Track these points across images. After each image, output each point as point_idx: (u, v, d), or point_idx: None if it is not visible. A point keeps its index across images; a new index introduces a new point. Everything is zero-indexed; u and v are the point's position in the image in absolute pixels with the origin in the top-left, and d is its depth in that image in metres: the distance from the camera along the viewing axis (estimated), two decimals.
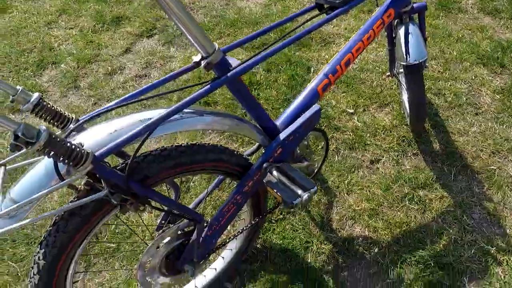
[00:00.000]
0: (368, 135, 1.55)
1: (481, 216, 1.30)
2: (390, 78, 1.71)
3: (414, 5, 1.12)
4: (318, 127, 1.26)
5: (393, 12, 1.04)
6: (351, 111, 1.64)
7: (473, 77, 1.74)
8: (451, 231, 1.26)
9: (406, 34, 1.14)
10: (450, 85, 1.70)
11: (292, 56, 1.91)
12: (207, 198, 1.00)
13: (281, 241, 1.24)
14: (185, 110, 0.80)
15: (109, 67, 2.02)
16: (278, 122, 0.99)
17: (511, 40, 1.88)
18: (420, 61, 1.14)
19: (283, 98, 1.71)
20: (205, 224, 0.84)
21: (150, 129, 0.63)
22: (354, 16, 2.17)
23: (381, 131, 1.56)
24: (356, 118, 1.61)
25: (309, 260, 1.19)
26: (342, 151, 1.51)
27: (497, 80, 1.73)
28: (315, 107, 0.96)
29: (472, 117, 1.59)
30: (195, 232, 0.81)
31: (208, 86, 0.71)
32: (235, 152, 0.88)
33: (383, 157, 1.48)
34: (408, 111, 1.45)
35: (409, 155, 1.49)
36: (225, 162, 0.84)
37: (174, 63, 2.01)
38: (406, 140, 1.52)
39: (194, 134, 1.61)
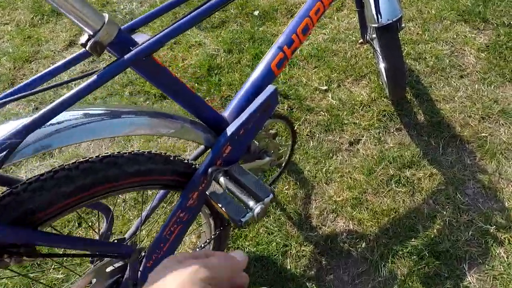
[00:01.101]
0: (345, 113, 1.37)
1: (475, 191, 1.16)
2: (363, 45, 1.53)
3: None
4: (283, 113, 1.07)
5: None
6: (324, 88, 1.46)
7: (455, 36, 1.57)
8: (444, 212, 1.12)
9: None
10: (430, 48, 1.53)
11: (255, 33, 1.70)
12: (150, 216, 0.82)
13: (255, 248, 1.08)
14: (106, 111, 0.61)
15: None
16: (226, 113, 0.80)
17: None
18: (394, 19, 0.96)
19: None
20: (142, 254, 0.67)
21: (10, 146, 0.44)
22: None
23: (359, 107, 1.39)
24: (330, 96, 1.43)
25: (289, 267, 1.04)
26: (317, 135, 1.34)
27: (481, 37, 1.56)
28: (269, 89, 0.77)
29: (457, 81, 1.43)
30: (128, 268, 0.63)
31: (101, 72, 0.52)
32: (173, 158, 0.69)
33: (363, 136, 1.32)
34: (385, 81, 1.28)
35: (392, 131, 1.33)
36: (157, 173, 0.65)
37: None
38: (387, 115, 1.36)
39: (150, 138, 1.41)
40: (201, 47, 1.69)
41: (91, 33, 0.50)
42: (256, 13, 1.78)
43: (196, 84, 1.55)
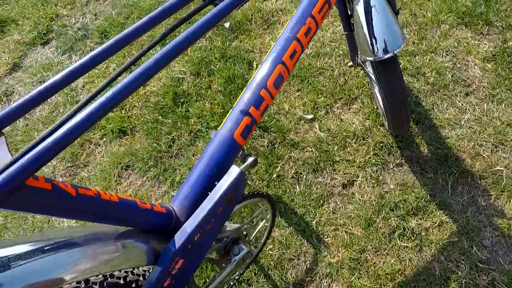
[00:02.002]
0: (336, 148, 1.17)
1: (494, 241, 0.98)
2: (354, 68, 1.31)
3: None
4: (260, 191, 0.86)
5: None
6: (310, 116, 1.24)
7: (456, 44, 1.37)
8: (459, 273, 0.93)
9: (367, 11, 0.73)
10: (429, 60, 1.33)
11: (227, 49, 1.46)
12: None
13: None
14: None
15: None
16: (175, 205, 0.58)
17: None
18: (395, 52, 0.74)
19: (220, 112, 1.29)
20: None
21: None
22: None
23: (352, 139, 1.18)
24: (317, 126, 1.22)
25: None
26: (304, 177, 1.13)
27: (485, 43, 1.36)
28: (233, 172, 0.56)
29: (462, 100, 1.23)
30: None
31: None
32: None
33: (358, 177, 1.11)
34: (384, 113, 1.07)
35: (391, 167, 1.13)
36: None
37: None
38: (385, 147, 1.16)
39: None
40: (165, 69, 1.45)
41: None
42: (226, 25, 1.53)
43: (160, 117, 1.31)
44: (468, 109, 1.21)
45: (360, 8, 0.73)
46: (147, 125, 1.30)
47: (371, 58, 0.77)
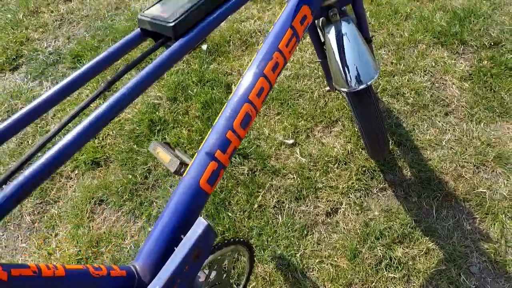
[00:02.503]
0: (318, 174, 1.13)
1: (481, 267, 0.96)
2: (332, 92, 1.29)
3: None
4: (235, 238, 0.81)
5: (309, 11, 0.59)
6: (291, 141, 1.21)
7: (433, 64, 1.37)
8: None
9: (339, 40, 0.71)
10: (408, 81, 1.33)
11: (204, 72, 1.43)
12: None
13: None
14: None
15: None
16: (137, 264, 0.53)
17: (466, 6, 1.53)
18: (368, 83, 0.72)
19: (198, 139, 1.24)
20: None
21: None
22: (280, 2, 1.70)
23: (334, 164, 1.15)
24: (298, 152, 1.19)
25: None
26: (287, 206, 1.09)
27: (461, 63, 1.37)
28: (199, 225, 0.51)
29: (442, 120, 1.23)
30: None
31: None
32: None
33: (342, 204, 1.08)
34: (363, 139, 1.04)
35: (375, 192, 1.10)
36: None
37: None
38: (367, 171, 1.13)
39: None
40: (141, 96, 1.39)
41: None
42: (204, 47, 1.50)
43: (135, 146, 1.25)
44: (448, 130, 1.20)
45: (331, 37, 0.71)
46: (121, 155, 1.23)
47: (345, 89, 0.74)
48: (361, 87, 0.71)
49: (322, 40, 0.86)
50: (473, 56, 1.38)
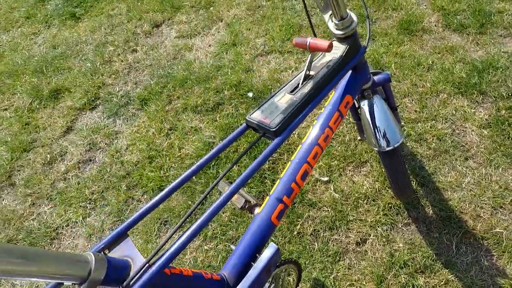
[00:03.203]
0: (349, 208, 1.32)
1: None
2: (363, 141, 1.49)
3: (375, 78, 0.91)
4: (290, 258, 1.00)
5: (351, 99, 0.82)
6: (326, 179, 1.41)
7: (454, 112, 1.54)
8: None
9: (372, 113, 0.92)
10: (430, 127, 1.50)
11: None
12: None
13: None
14: None
15: (48, 155, 1.75)
16: (225, 272, 0.74)
17: (485, 59, 1.70)
18: (395, 145, 0.92)
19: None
20: None
21: None
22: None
23: (363, 200, 1.33)
24: (332, 188, 1.38)
25: None
26: (322, 234, 1.27)
27: (480, 111, 1.53)
28: (271, 249, 0.72)
29: (462, 164, 1.38)
30: None
31: None
32: None
33: (370, 235, 1.25)
34: (390, 184, 1.22)
35: (400, 226, 1.26)
36: None
37: (120, 140, 1.75)
38: (393, 208, 1.30)
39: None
40: (197, 133, 1.67)
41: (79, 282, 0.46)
42: (250, 94, 1.77)
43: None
44: (468, 173, 1.35)
45: (365, 108, 0.92)
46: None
47: (376, 149, 0.95)
48: (389, 148, 0.91)
49: (357, 105, 1.08)
50: (492, 105, 1.54)
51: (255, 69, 1.92)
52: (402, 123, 1.53)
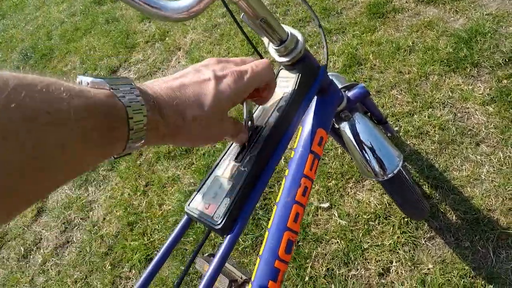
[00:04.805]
0: (361, 234, 1.14)
1: None
2: None
3: (350, 94, 0.73)
4: None
5: (325, 133, 0.64)
6: (326, 205, 1.23)
7: (450, 93, 1.37)
8: None
9: (356, 136, 0.74)
10: (429, 117, 1.33)
11: None
12: None
13: None
14: None
15: (22, 247, 1.58)
16: None
17: (469, 27, 1.53)
18: (395, 172, 0.74)
19: None
20: None
21: None
22: None
23: (375, 221, 1.15)
24: (336, 214, 1.20)
25: None
26: (337, 272, 1.09)
27: (479, 87, 1.36)
28: None
29: (475, 152, 1.20)
30: None
31: None
32: None
33: (392, 262, 1.07)
34: (398, 207, 1.04)
35: (423, 242, 1.08)
36: None
37: (96, 210, 1.58)
38: (410, 222, 1.12)
39: None
40: (176, 183, 1.49)
41: None
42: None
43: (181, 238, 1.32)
44: (484, 161, 1.18)
45: (348, 133, 0.74)
46: None
47: (373, 179, 0.77)
48: (388, 177, 0.74)
49: (336, 126, 0.88)
50: (490, 77, 1.37)
51: None
52: (398, 127, 1.35)
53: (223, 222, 0.48)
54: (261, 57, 0.65)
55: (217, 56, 1.98)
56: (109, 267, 1.35)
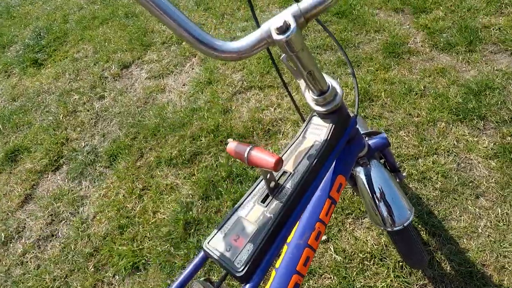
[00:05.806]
0: (355, 272, 1.13)
1: None
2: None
3: (371, 143, 0.74)
4: None
5: (344, 180, 0.65)
6: (324, 238, 1.22)
7: (455, 142, 1.40)
8: None
9: (370, 184, 0.75)
10: (433, 163, 1.35)
11: (232, 166, 1.50)
12: None
13: None
14: None
15: (3, 233, 1.52)
16: None
17: (479, 79, 1.58)
18: (405, 224, 0.74)
19: None
20: None
21: None
22: (297, 87, 1.82)
23: (370, 261, 1.15)
24: (332, 248, 1.20)
25: None
26: None
27: (484, 140, 1.39)
28: None
29: (474, 204, 1.22)
30: None
31: None
32: None
33: None
34: (400, 256, 1.05)
35: None
36: None
37: (86, 207, 1.54)
38: (405, 267, 1.12)
39: None
40: (174, 192, 1.47)
41: None
42: (230, 140, 1.59)
43: (172, 249, 1.30)
44: (483, 215, 1.19)
45: (362, 178, 0.75)
46: (159, 258, 1.28)
47: (381, 228, 0.77)
48: (397, 228, 0.74)
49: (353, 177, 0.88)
50: (495, 132, 1.40)
51: (234, 109, 1.75)
52: (403, 166, 1.37)
53: (245, 270, 0.47)
54: (303, 119, 0.65)
55: (231, 69, 1.98)
56: (92, 269, 1.31)
